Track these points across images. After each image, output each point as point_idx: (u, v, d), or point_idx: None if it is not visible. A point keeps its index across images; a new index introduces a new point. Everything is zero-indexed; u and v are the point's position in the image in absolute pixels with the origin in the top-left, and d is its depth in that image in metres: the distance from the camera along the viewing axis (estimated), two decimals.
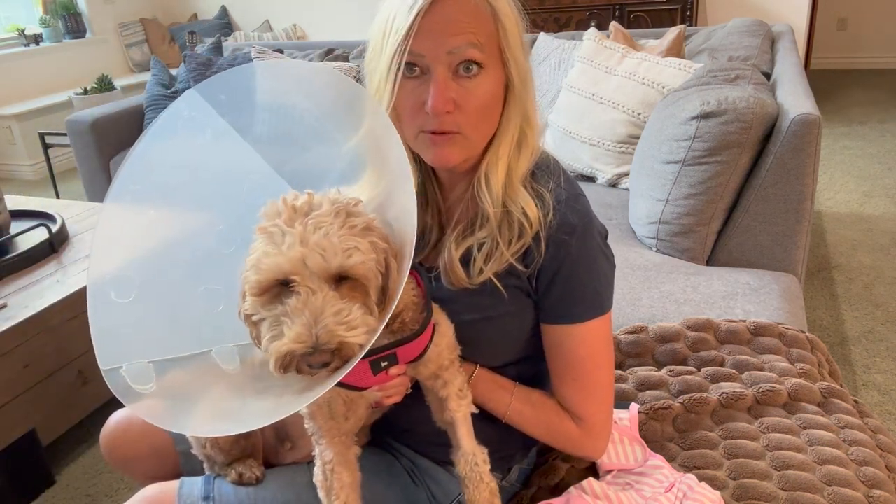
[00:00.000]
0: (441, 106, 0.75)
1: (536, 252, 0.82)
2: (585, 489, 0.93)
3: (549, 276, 0.83)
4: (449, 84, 0.76)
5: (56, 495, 1.70)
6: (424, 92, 0.77)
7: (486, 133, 0.82)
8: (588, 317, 0.84)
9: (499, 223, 0.83)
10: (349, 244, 0.64)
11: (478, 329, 0.86)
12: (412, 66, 0.77)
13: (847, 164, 3.48)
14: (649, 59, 2.15)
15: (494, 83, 0.79)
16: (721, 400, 1.08)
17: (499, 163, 0.83)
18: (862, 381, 1.89)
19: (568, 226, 0.82)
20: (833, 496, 0.90)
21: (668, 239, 1.66)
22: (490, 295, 0.84)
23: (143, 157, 0.76)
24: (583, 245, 0.82)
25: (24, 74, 4.57)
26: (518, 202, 0.82)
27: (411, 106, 0.78)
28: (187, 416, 0.70)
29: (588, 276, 0.84)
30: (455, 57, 0.76)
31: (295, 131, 0.82)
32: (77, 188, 4.04)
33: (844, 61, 5.51)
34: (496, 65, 0.79)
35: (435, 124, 0.77)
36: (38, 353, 1.64)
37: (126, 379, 0.65)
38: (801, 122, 1.48)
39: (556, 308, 0.85)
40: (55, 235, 1.93)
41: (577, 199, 0.84)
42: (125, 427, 1.04)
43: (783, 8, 3.85)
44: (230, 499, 0.89)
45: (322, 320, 0.60)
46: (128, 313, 0.73)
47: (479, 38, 0.76)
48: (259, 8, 5.08)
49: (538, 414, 0.89)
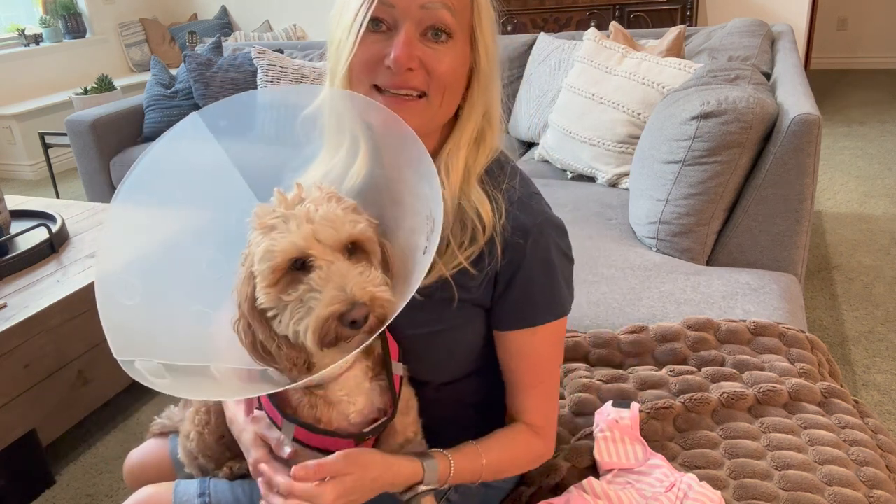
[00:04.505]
0: (405, 59, 0.71)
1: (489, 258, 0.79)
2: (586, 488, 0.93)
3: (505, 281, 0.80)
4: (415, 41, 0.72)
5: (56, 495, 1.70)
6: (387, 47, 0.72)
7: (449, 107, 0.78)
8: (547, 320, 0.82)
9: (452, 220, 0.79)
10: (351, 216, 0.67)
11: (424, 345, 0.83)
12: (378, 21, 0.72)
13: (847, 164, 3.48)
14: (649, 59, 2.15)
15: (461, 59, 0.76)
16: (722, 399, 1.08)
17: (459, 153, 0.79)
18: (862, 381, 1.89)
19: (521, 228, 0.79)
20: (833, 496, 0.90)
21: (668, 239, 1.66)
22: (434, 308, 0.80)
23: (151, 165, 0.76)
24: (537, 246, 0.79)
25: (24, 74, 4.57)
26: (472, 200, 0.78)
27: (368, 59, 0.73)
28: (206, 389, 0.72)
29: (545, 278, 0.81)
30: (427, 15, 0.72)
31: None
32: (77, 188, 4.04)
33: (844, 61, 5.51)
34: (465, 40, 0.76)
35: (396, 80, 0.73)
36: (38, 353, 1.64)
37: (143, 373, 0.65)
38: (801, 122, 1.48)
39: (514, 314, 0.81)
40: (55, 235, 1.93)
41: (530, 198, 0.82)
42: (142, 464, 1.08)
43: (783, 8, 3.85)
44: (226, 495, 0.89)
45: (350, 281, 0.62)
46: (133, 316, 0.73)
47: (453, 3, 0.73)
48: (259, 8, 5.08)
49: (510, 453, 0.86)
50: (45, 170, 3.94)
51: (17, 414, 1.60)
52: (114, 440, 1.88)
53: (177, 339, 0.76)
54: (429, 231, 0.66)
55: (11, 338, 1.57)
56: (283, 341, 0.68)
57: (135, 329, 0.72)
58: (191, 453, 0.95)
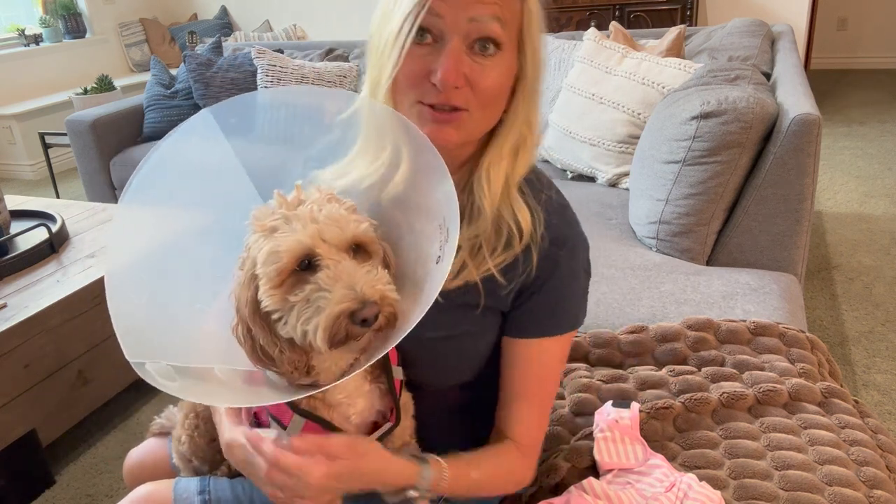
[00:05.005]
0: (452, 78, 0.68)
1: (524, 266, 0.77)
2: (586, 488, 0.93)
3: (532, 289, 0.79)
4: (462, 57, 0.69)
5: (56, 495, 1.70)
6: (433, 62, 0.70)
7: (490, 120, 0.76)
8: (562, 331, 0.81)
9: (490, 228, 0.78)
10: (354, 216, 0.67)
11: (435, 349, 0.81)
12: (424, 31, 0.69)
13: (847, 164, 3.48)
14: (649, 59, 2.15)
15: (507, 70, 0.73)
16: (722, 399, 1.08)
17: (502, 162, 0.77)
18: (862, 381, 1.89)
19: (559, 238, 0.78)
20: (833, 496, 0.90)
21: (668, 239, 1.66)
22: (454, 312, 0.78)
23: (158, 164, 0.76)
24: (569, 258, 0.79)
25: (24, 74, 4.57)
26: (511, 208, 0.77)
27: (415, 73, 0.71)
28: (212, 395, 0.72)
29: (569, 290, 0.80)
30: (475, 27, 0.69)
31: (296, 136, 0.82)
32: (77, 188, 4.04)
33: (844, 61, 5.51)
34: (512, 50, 0.73)
35: (441, 97, 0.70)
36: (38, 353, 1.64)
37: (154, 375, 0.65)
38: (801, 122, 1.48)
39: (533, 322, 0.81)
40: (55, 235, 1.93)
41: (565, 209, 0.82)
42: (141, 463, 1.08)
43: (783, 8, 3.85)
44: (226, 493, 0.89)
45: (359, 280, 0.62)
46: (143, 316, 0.73)
47: (503, 14, 0.69)
48: (259, 8, 5.08)
49: (498, 471, 0.83)
50: (45, 170, 3.94)
51: (17, 414, 1.60)
52: (114, 440, 1.88)
53: (183, 340, 0.76)
54: (442, 241, 0.65)
55: (11, 338, 1.57)
56: (286, 344, 0.67)
57: (144, 330, 0.71)
58: (184, 456, 0.95)
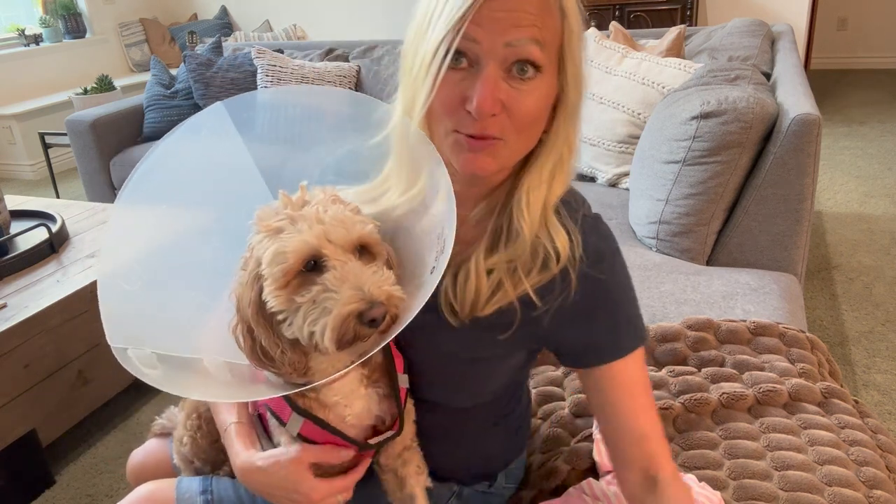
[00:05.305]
0: (489, 106, 0.65)
1: (562, 287, 0.74)
2: (585, 489, 0.93)
3: (586, 315, 0.76)
4: (499, 83, 0.66)
5: (56, 495, 1.70)
6: (468, 88, 0.66)
7: (528, 145, 0.72)
8: (636, 346, 0.77)
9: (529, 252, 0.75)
10: (359, 217, 0.68)
11: (458, 369, 0.80)
12: (460, 55, 0.66)
13: (847, 164, 3.48)
14: (649, 59, 2.15)
15: (547, 92, 0.69)
16: (721, 400, 1.08)
17: (541, 185, 0.73)
18: (862, 381, 1.89)
19: (597, 255, 0.75)
20: (833, 496, 0.90)
21: (668, 239, 1.66)
22: (485, 333, 0.76)
23: (163, 158, 0.76)
24: (614, 271, 0.76)
25: (24, 74, 4.57)
26: (548, 231, 0.74)
27: (450, 101, 0.68)
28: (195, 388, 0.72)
29: (627, 301, 0.78)
30: (512, 52, 0.65)
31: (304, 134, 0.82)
32: (77, 188, 4.04)
33: (844, 61, 5.51)
34: (552, 70, 0.69)
35: (476, 127, 0.67)
36: (38, 353, 1.64)
37: (135, 361, 0.65)
38: (801, 122, 1.48)
39: (606, 345, 0.77)
40: (55, 235, 1.93)
41: (597, 221, 0.79)
42: (143, 464, 1.08)
43: (783, 8, 3.85)
44: (228, 493, 0.89)
45: (366, 281, 0.62)
46: (132, 301, 0.73)
47: (543, 36, 0.66)
48: (259, 8, 5.08)
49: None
50: (45, 170, 3.94)
51: (17, 414, 1.60)
52: (114, 440, 1.88)
53: (175, 330, 0.76)
54: (438, 251, 0.65)
55: (11, 338, 1.57)
56: (288, 345, 0.67)
57: (132, 316, 0.71)
58: (185, 457, 0.95)
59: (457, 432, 0.89)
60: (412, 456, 0.82)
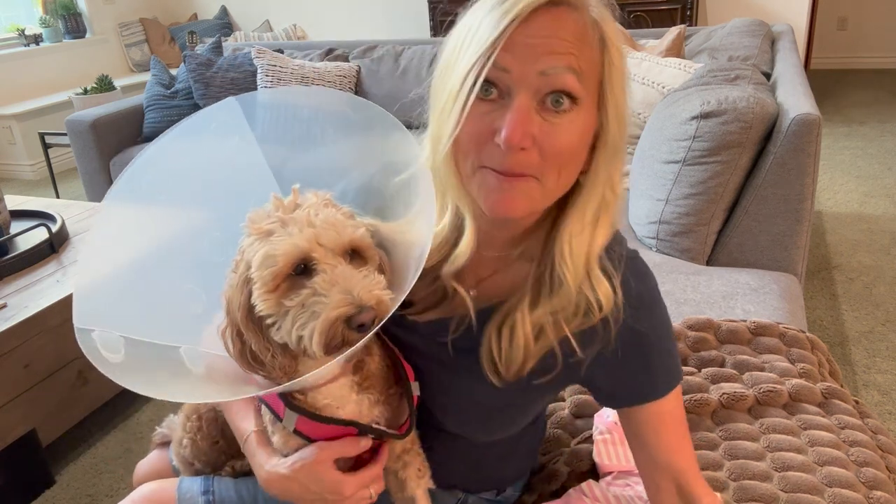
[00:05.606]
0: (518, 139, 0.59)
1: (602, 338, 0.71)
2: (585, 491, 0.93)
3: (628, 358, 0.73)
4: (531, 115, 0.60)
5: (56, 495, 1.70)
6: (498, 119, 0.61)
7: (563, 187, 0.66)
8: (672, 386, 0.75)
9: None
10: (351, 221, 0.67)
11: (492, 415, 0.78)
12: (490, 85, 0.61)
13: (847, 164, 3.48)
14: (649, 59, 2.15)
15: (584, 127, 0.63)
16: (721, 400, 1.08)
17: (584, 232, 0.68)
18: (862, 381, 1.89)
19: (638, 301, 0.71)
20: (833, 497, 0.89)
21: (668, 239, 1.66)
22: (527, 384, 0.73)
23: (164, 151, 0.76)
24: (652, 314, 0.73)
25: (24, 74, 4.57)
26: (590, 281, 0.69)
27: (477, 133, 0.62)
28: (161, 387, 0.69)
29: (665, 349, 0.75)
30: (546, 81, 0.60)
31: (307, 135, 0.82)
32: (77, 188, 4.04)
33: (844, 61, 5.51)
34: (591, 104, 0.64)
35: (505, 162, 0.61)
36: (38, 353, 1.64)
37: (96, 343, 0.64)
38: (801, 122, 1.48)
39: (640, 391, 0.75)
40: (55, 235, 1.93)
41: (636, 262, 0.75)
42: (148, 477, 1.07)
43: (783, 8, 3.85)
44: (230, 493, 0.89)
45: (355, 285, 0.61)
46: (110, 283, 0.73)
47: (580, 65, 0.61)
48: (259, 8, 5.08)
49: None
50: (45, 170, 3.94)
51: (17, 414, 1.60)
52: (114, 440, 1.88)
53: (154, 314, 0.75)
54: (414, 270, 0.64)
55: (11, 338, 1.57)
56: (278, 349, 0.67)
57: (108, 297, 0.70)
58: (185, 459, 0.94)
59: (476, 459, 0.89)
60: (413, 458, 0.82)
